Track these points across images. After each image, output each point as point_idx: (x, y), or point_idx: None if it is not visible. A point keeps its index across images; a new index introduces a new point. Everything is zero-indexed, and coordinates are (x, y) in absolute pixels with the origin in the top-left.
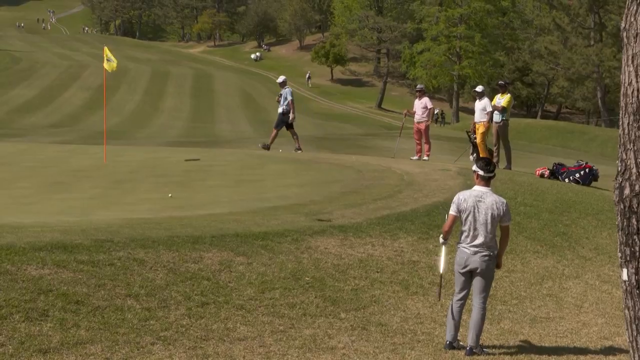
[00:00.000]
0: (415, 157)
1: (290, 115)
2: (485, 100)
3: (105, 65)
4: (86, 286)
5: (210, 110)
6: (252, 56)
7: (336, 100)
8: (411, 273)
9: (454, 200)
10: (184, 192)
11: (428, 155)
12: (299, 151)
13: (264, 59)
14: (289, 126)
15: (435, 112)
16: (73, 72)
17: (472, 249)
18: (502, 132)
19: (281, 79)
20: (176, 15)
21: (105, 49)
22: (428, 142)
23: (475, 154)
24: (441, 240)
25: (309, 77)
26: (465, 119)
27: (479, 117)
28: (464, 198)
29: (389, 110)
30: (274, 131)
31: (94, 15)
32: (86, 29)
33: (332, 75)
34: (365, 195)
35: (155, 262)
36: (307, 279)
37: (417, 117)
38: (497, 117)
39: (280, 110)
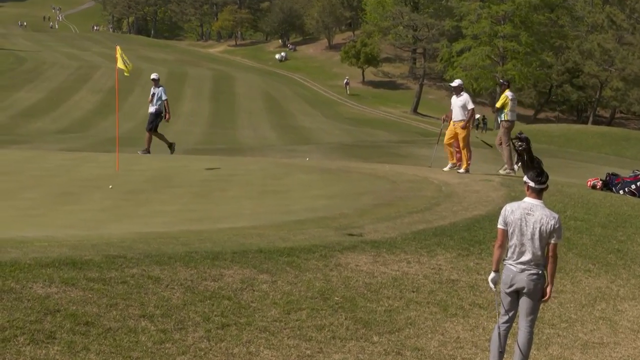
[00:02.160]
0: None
1: (166, 116)
2: (465, 96)
3: (120, 64)
4: (97, 306)
5: (231, 115)
6: (277, 56)
7: (368, 104)
8: (450, 293)
9: (501, 212)
10: (203, 204)
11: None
12: (147, 153)
13: (290, 60)
14: (156, 128)
15: (477, 117)
16: (83, 73)
17: (519, 266)
18: (502, 133)
19: (155, 75)
20: (194, 12)
21: (118, 48)
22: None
23: (520, 163)
24: (491, 277)
25: (347, 83)
26: None
27: (458, 115)
28: (512, 210)
29: (425, 115)
30: (147, 134)
31: (105, 12)
32: (97, 27)
33: (363, 77)
34: (399, 207)
35: (171, 280)
36: (337, 298)
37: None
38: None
39: (152, 110)
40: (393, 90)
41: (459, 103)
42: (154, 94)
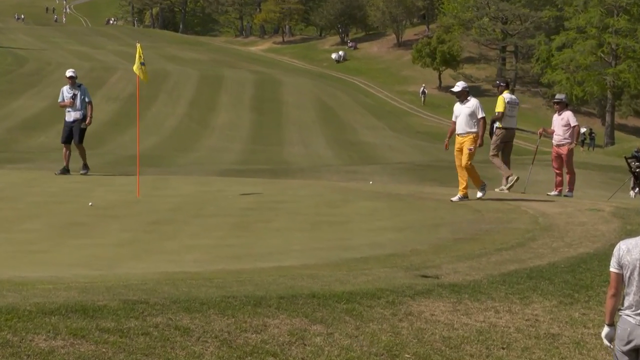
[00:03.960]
0: (554, 193)
1: (87, 120)
2: (473, 102)
3: (136, 69)
4: None
5: (277, 128)
6: (333, 56)
7: (445, 114)
8: (550, 351)
9: (613, 252)
10: (243, 238)
11: (571, 190)
12: (86, 172)
13: (349, 60)
14: (81, 138)
15: (582, 132)
16: (96, 76)
17: (639, 318)
18: (493, 141)
19: (70, 72)
20: (232, 1)
21: (139, 46)
22: (571, 172)
23: (638, 189)
24: (605, 332)
25: (423, 92)
26: (623, 140)
27: (464, 125)
28: (628, 248)
29: (517, 129)
30: (80, 149)
31: (123, 1)
32: (113, 20)
33: (440, 82)
34: (485, 243)
35: (204, 332)
36: (407, 356)
37: (556, 139)
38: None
39: (77, 115)
40: (477, 97)
41: (466, 110)
42: (75, 95)
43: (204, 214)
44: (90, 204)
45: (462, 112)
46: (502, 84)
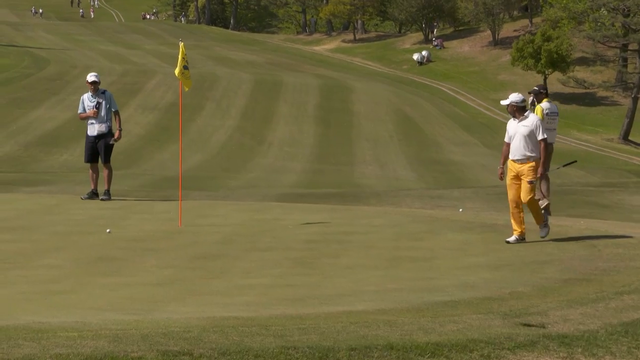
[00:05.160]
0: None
1: (116, 134)
2: (532, 119)
3: (178, 74)
4: None
5: (347, 144)
6: (415, 56)
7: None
8: None
9: None
10: (306, 276)
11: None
12: (107, 199)
13: (434, 61)
14: (108, 156)
15: None
16: (130, 82)
17: None
18: None
19: (93, 76)
20: None
21: (182, 46)
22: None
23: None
24: None
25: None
26: None
27: (523, 150)
28: None
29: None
30: (107, 169)
31: None
32: (152, 14)
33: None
34: (603, 285)
35: None
36: None
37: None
38: None
39: (98, 129)
40: (591, 106)
41: (523, 130)
42: (99, 103)
43: (258, 248)
44: (108, 230)
45: (518, 132)
46: (542, 90)
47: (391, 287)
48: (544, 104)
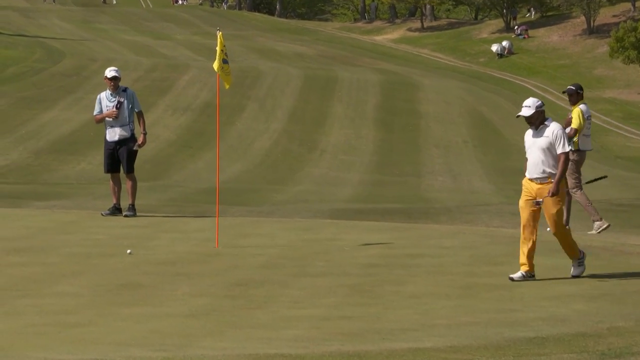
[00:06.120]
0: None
1: (140, 138)
2: (553, 128)
3: (216, 68)
4: None
5: (413, 151)
6: (494, 47)
7: None
8: None
9: None
10: (365, 306)
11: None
12: (132, 215)
13: (517, 53)
14: (131, 165)
15: None
16: (159, 78)
17: None
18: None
19: (113, 71)
20: None
21: (220, 35)
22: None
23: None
24: None
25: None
26: None
27: (542, 165)
28: None
29: None
30: (130, 181)
31: None
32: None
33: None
34: None
35: None
36: None
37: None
38: None
39: (119, 133)
40: None
41: (542, 142)
42: (119, 103)
43: (309, 273)
44: (128, 251)
45: (536, 145)
46: (579, 90)
47: (465, 321)
48: (582, 107)
